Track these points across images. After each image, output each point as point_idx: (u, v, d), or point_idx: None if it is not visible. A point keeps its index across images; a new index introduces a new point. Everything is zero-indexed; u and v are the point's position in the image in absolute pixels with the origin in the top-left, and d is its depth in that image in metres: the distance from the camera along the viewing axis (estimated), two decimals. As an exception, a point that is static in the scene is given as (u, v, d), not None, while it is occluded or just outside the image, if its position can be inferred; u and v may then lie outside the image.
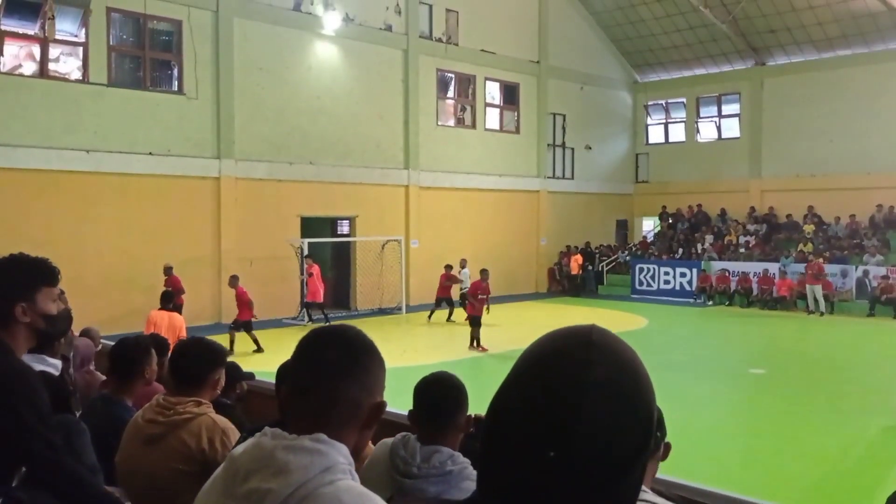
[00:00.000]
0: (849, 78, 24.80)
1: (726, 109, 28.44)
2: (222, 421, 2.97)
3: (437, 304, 19.64)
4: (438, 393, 2.57)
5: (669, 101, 29.82)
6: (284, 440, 1.40)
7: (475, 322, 15.25)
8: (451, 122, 24.72)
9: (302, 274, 18.67)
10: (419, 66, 22.88)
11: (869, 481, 7.60)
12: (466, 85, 24.91)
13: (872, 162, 24.19)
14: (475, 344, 15.21)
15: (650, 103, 30.32)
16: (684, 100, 29.32)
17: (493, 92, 25.79)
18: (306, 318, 18.52)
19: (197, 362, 3.06)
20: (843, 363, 14.70)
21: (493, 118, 25.88)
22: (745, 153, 27.37)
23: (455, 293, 19.75)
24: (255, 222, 19.23)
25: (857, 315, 20.44)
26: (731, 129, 28.26)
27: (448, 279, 19.67)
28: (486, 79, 25.16)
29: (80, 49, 17.03)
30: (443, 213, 23.34)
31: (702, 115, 29.14)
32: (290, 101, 20.02)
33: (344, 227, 22.15)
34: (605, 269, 27.01)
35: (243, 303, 14.89)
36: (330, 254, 21.95)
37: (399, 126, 22.53)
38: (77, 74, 17.05)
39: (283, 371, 2.87)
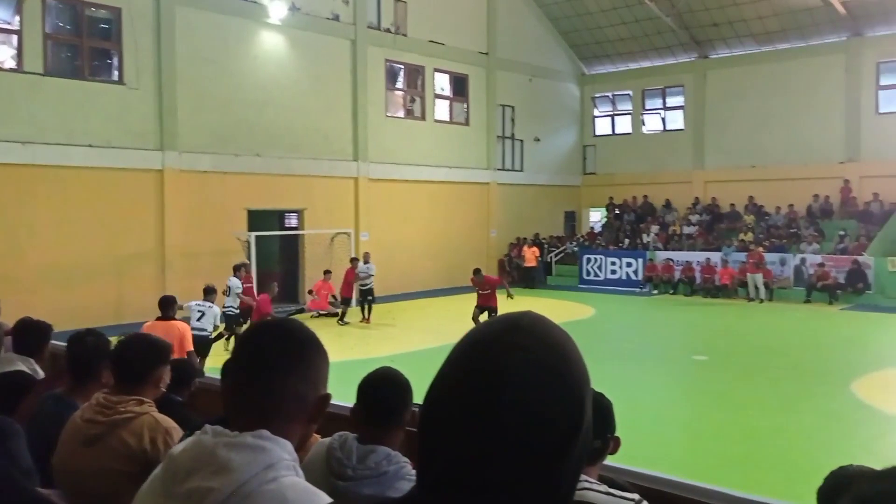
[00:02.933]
0: (787, 71, 25.45)
1: (671, 101, 28.95)
2: (165, 420, 2.90)
3: (346, 303, 18.33)
4: (381, 390, 2.49)
5: (616, 93, 30.21)
6: (226, 437, 1.38)
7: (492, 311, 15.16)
8: (401, 114, 24.63)
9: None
10: (367, 57, 22.71)
11: (805, 463, 7.83)
12: (415, 76, 24.83)
13: (809, 153, 24.89)
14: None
15: (597, 95, 30.68)
16: (630, 92, 29.73)
17: (442, 83, 25.77)
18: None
19: (139, 359, 2.99)
20: (782, 348, 15.14)
21: (442, 110, 25.86)
22: (689, 145, 27.90)
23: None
24: (200, 216, 18.88)
25: (794, 301, 21.05)
26: (676, 121, 28.77)
27: (350, 275, 18.61)
28: (436, 70, 25.12)
29: (14, 37, 16.46)
30: (392, 205, 23.26)
31: (647, 108, 29.60)
32: (236, 92, 19.68)
33: (292, 220, 21.92)
34: (553, 259, 27.28)
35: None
36: (278, 247, 21.71)
37: (347, 117, 22.35)
38: (11, 63, 16.48)
39: (226, 367, 2.80)
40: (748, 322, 18.52)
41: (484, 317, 14.29)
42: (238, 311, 14.50)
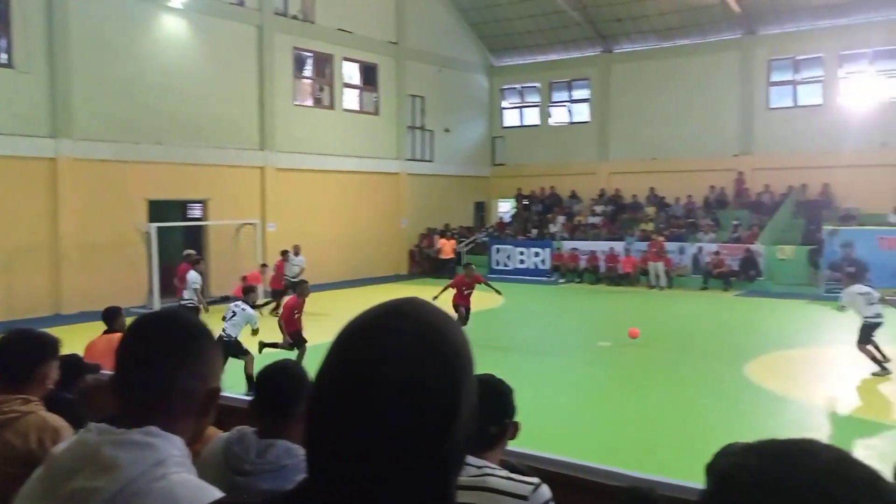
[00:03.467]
0: (686, 66, 26.40)
1: (577, 94, 29.59)
2: (54, 419, 2.78)
3: (275, 296, 17.83)
4: (279, 383, 2.46)
5: (524, 85, 30.66)
6: (111, 435, 1.34)
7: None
8: (309, 102, 24.28)
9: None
10: (274, 44, 22.27)
11: (701, 443, 8.20)
12: (324, 64, 24.52)
13: (706, 146, 25.94)
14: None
15: (506, 87, 31.06)
16: (538, 84, 30.23)
17: (351, 72, 25.54)
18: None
19: (22, 356, 2.84)
20: (681, 334, 15.77)
21: (351, 99, 25.64)
22: (595, 137, 28.60)
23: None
24: (98, 206, 18.11)
25: (692, 289, 21.94)
26: (582, 113, 29.44)
27: (281, 267, 18.40)
28: (344, 59, 24.87)
29: None
30: (301, 195, 22.92)
31: (554, 100, 30.17)
32: (136, 78, 18.95)
33: (196, 211, 21.30)
34: (463, 250, 27.51)
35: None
36: (181, 239, 21.06)
37: (254, 105, 21.87)
38: None
39: (116, 362, 2.70)
40: (649, 309, 19.18)
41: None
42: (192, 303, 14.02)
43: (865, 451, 8.32)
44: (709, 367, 12.38)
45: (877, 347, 11.50)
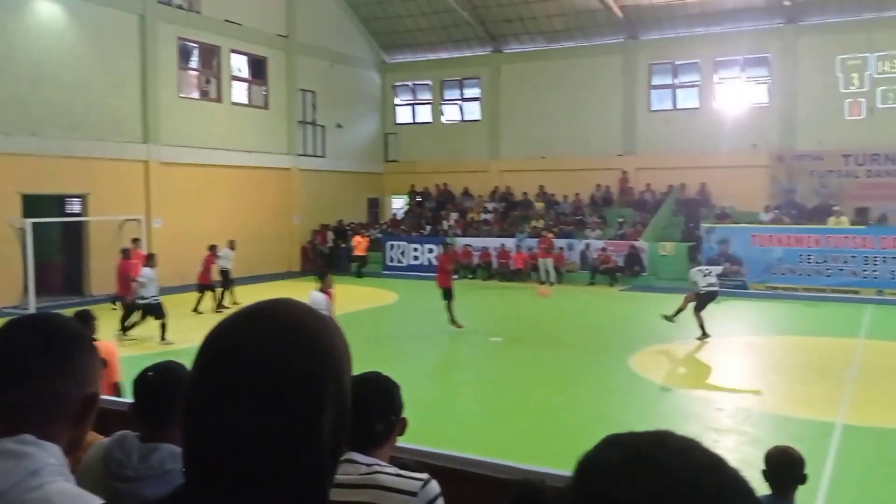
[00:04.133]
0: (572, 68, 27.19)
1: (468, 93, 29.96)
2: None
3: (201, 290, 17.40)
4: (160, 384, 2.37)
5: (416, 82, 30.77)
6: (-19, 445, 1.28)
7: (448, 295, 14.80)
8: (195, 95, 23.54)
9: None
10: (158, 34, 21.45)
11: (588, 434, 8.51)
12: (210, 56, 23.82)
13: (592, 146, 26.81)
14: (453, 321, 14.70)
15: (398, 84, 31.09)
16: (430, 82, 30.40)
17: (239, 65, 24.94)
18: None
19: None
20: (569, 328, 16.26)
21: (240, 92, 25.04)
22: (486, 135, 29.04)
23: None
24: (-36, 200, 16.96)
25: (580, 283, 22.65)
26: (473, 111, 29.83)
27: (210, 261, 18.15)
28: (232, 51, 24.24)
29: None
30: (188, 190, 22.19)
31: (446, 98, 30.43)
32: (6, 65, 17.85)
33: (75, 206, 20.27)
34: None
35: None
36: (60, 235, 20.02)
37: (136, 97, 21.01)
38: None
39: None
40: (539, 304, 19.66)
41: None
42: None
43: (740, 437, 8.85)
44: (595, 359, 12.83)
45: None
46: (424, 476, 2.33)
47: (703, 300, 13.79)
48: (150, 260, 14.49)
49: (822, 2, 23.51)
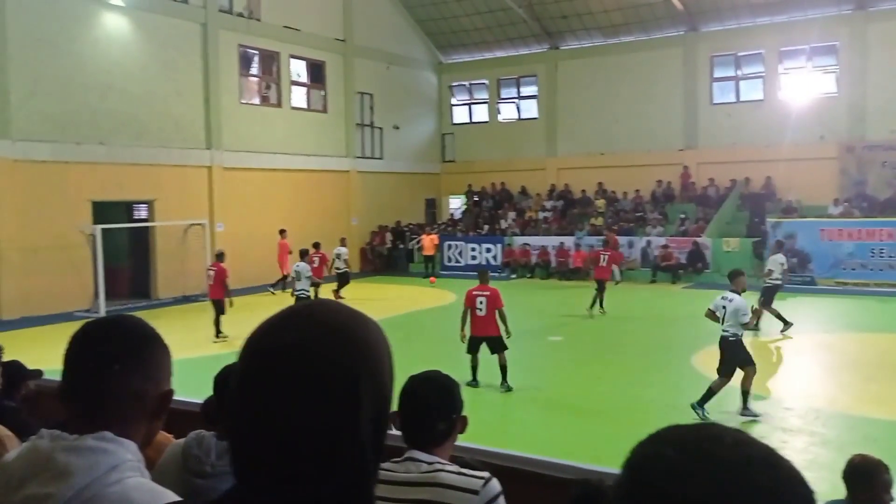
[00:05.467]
0: (631, 63, 26.81)
1: (525, 91, 29.83)
2: (-3, 428, 2.73)
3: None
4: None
5: (472, 82, 30.78)
6: (64, 441, 1.33)
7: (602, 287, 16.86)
8: (256, 101, 24.00)
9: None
10: (219, 42, 21.95)
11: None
12: (270, 62, 24.25)
13: (652, 141, 26.39)
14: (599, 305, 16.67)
15: (454, 84, 31.14)
16: (486, 81, 30.38)
17: (298, 70, 25.33)
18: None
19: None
20: (630, 327, 16.03)
21: (299, 97, 25.44)
22: (543, 133, 28.87)
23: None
24: (38, 208, 17.63)
25: (641, 282, 22.31)
26: (530, 109, 29.69)
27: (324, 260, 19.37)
28: (291, 56, 24.64)
29: None
30: (249, 194, 22.66)
31: (502, 96, 30.36)
32: (76, 76, 18.49)
33: (141, 212, 20.90)
34: (415, 247, 27.51)
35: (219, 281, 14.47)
36: (127, 240, 20.67)
37: (199, 104, 21.53)
38: None
39: (64, 367, 2.65)
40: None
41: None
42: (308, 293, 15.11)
43: (810, 437, 8.61)
44: (658, 358, 12.63)
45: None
46: (486, 474, 2.34)
47: (771, 292, 14.15)
48: (304, 256, 16.13)
49: (892, -14, 22.68)
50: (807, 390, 10.78)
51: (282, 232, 21.83)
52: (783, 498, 0.72)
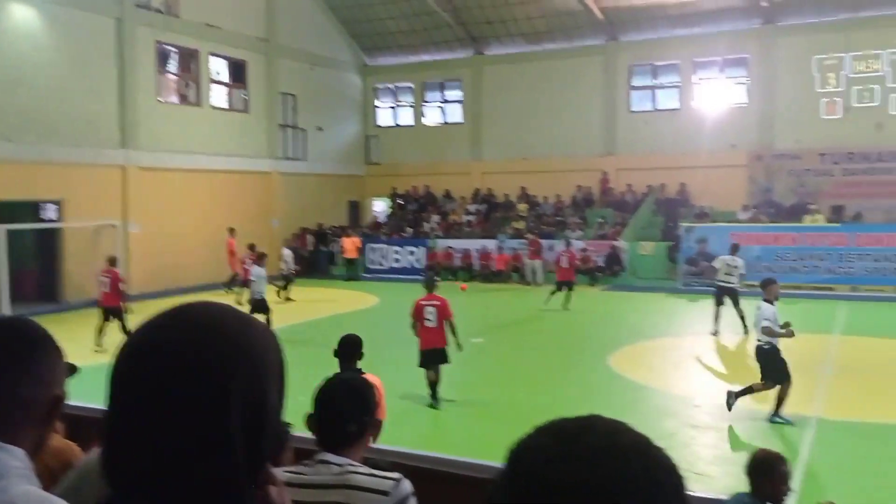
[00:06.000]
0: (553, 70, 27.29)
1: (450, 95, 29.99)
2: None
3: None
4: None
5: (398, 84, 30.77)
6: (-53, 450, 1.28)
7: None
8: (174, 99, 23.39)
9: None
10: (136, 38, 21.30)
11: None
12: (189, 60, 23.68)
13: (573, 147, 26.92)
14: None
15: (379, 86, 31.06)
16: (412, 84, 30.41)
17: (219, 68, 24.80)
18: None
19: None
20: (549, 328, 16.31)
21: (220, 96, 24.91)
22: (467, 137, 29.08)
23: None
24: (-62, 207, 16.75)
25: (562, 285, 22.70)
26: (455, 113, 29.86)
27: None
28: (211, 54, 24.12)
29: None
30: (167, 195, 22.04)
31: (427, 100, 30.45)
32: (-20, 70, 17.64)
33: (50, 212, 20.08)
34: (336, 250, 27.29)
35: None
36: (33, 242, 19.82)
37: (114, 101, 20.84)
38: None
39: None
40: (521, 305, 19.71)
41: None
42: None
43: (717, 433, 8.93)
44: (576, 359, 12.89)
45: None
46: (397, 475, 2.35)
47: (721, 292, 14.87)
48: (261, 259, 15.89)
49: (800, 2, 23.76)
50: (715, 388, 11.18)
51: (231, 231, 21.88)
52: (653, 483, 0.75)
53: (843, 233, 20.08)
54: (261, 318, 14.18)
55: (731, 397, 9.16)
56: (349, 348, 5.80)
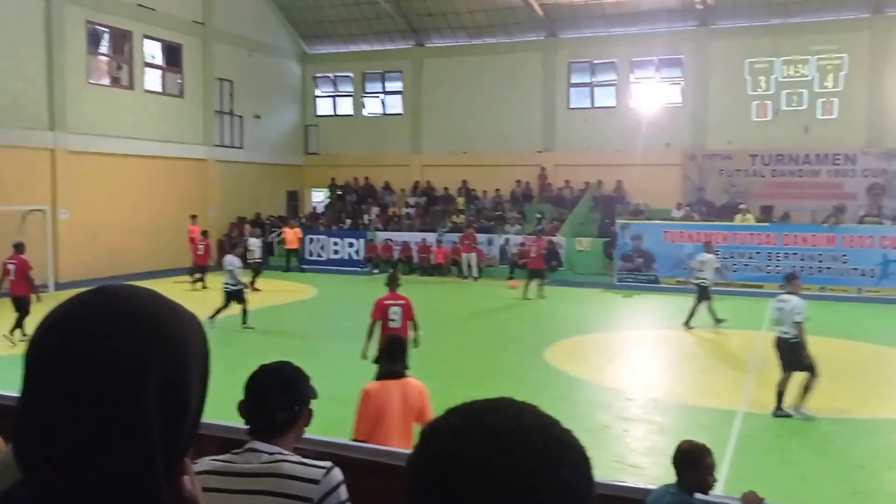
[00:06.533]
0: (494, 64, 27.40)
1: (390, 86, 29.84)
2: None
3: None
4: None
5: (337, 74, 30.47)
6: None
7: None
8: (106, 81, 22.66)
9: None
10: (65, 16, 20.55)
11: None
12: (122, 41, 22.98)
13: (512, 142, 27.10)
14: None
15: (318, 75, 30.71)
16: (352, 74, 30.16)
17: (153, 51, 24.13)
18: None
19: None
20: (487, 322, 16.41)
21: (153, 80, 24.25)
22: (407, 129, 29.00)
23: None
24: None
25: (500, 278, 22.86)
26: (395, 105, 29.73)
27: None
28: (145, 36, 23.45)
29: None
30: (98, 180, 21.37)
31: (368, 91, 30.23)
32: None
33: (-27, 195, 19.25)
34: (275, 241, 26.93)
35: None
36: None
37: (41, 82, 20.08)
38: None
39: None
40: (459, 298, 19.79)
41: None
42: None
43: (649, 426, 9.11)
44: (512, 353, 13.00)
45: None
46: (327, 464, 2.33)
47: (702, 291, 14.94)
48: (234, 248, 15.97)
49: (733, 6, 24.40)
50: (647, 382, 11.43)
51: (193, 217, 22.18)
52: (555, 459, 0.79)
53: (772, 232, 20.73)
54: (237, 307, 14.13)
55: (778, 411, 9.20)
56: (396, 348, 5.53)
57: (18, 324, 12.76)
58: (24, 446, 0.92)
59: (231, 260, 14.78)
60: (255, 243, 20.69)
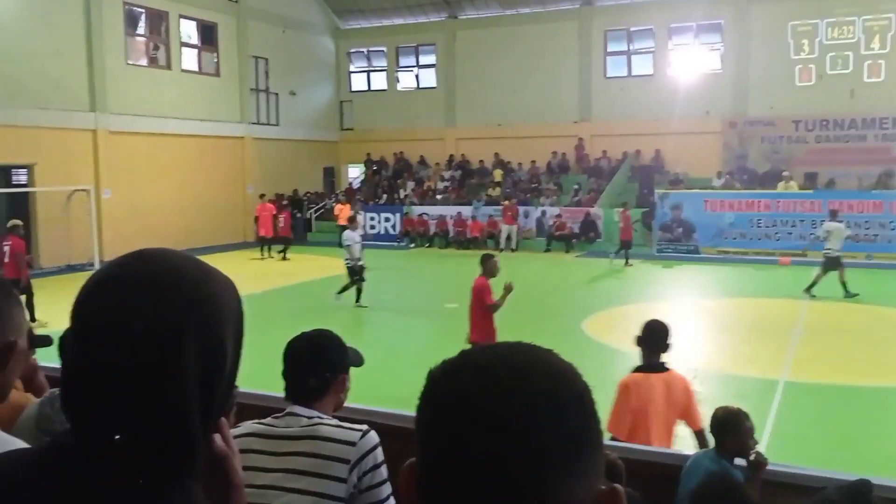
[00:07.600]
0: (528, 34, 27.08)
1: (423, 60, 29.70)
2: None
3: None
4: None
5: (371, 49, 30.41)
6: None
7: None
8: (144, 62, 22.95)
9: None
10: (102, -1, 20.81)
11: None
12: (159, 22, 23.20)
13: (548, 113, 26.82)
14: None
15: (352, 51, 30.68)
16: (385, 49, 30.07)
17: (189, 31, 24.33)
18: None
19: None
20: (524, 294, 16.34)
21: (190, 59, 24.47)
22: (441, 103, 28.87)
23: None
24: None
25: (536, 251, 22.81)
26: (429, 79, 29.60)
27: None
28: (181, 16, 23.64)
29: None
30: (138, 159, 21.72)
31: (401, 65, 30.13)
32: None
33: (20, 177, 19.72)
34: (313, 216, 27.15)
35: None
36: (4, 207, 19.47)
37: (82, 64, 20.40)
38: None
39: None
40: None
41: None
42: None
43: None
44: (549, 324, 12.97)
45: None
46: (364, 427, 2.38)
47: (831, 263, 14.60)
48: (352, 222, 14.93)
49: (774, -32, 23.73)
50: (688, 352, 11.33)
51: (261, 196, 23.15)
52: (559, 396, 0.78)
53: (816, 199, 20.29)
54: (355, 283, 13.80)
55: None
56: (654, 335, 4.95)
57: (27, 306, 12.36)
58: (71, 401, 0.96)
59: (350, 235, 14.21)
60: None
